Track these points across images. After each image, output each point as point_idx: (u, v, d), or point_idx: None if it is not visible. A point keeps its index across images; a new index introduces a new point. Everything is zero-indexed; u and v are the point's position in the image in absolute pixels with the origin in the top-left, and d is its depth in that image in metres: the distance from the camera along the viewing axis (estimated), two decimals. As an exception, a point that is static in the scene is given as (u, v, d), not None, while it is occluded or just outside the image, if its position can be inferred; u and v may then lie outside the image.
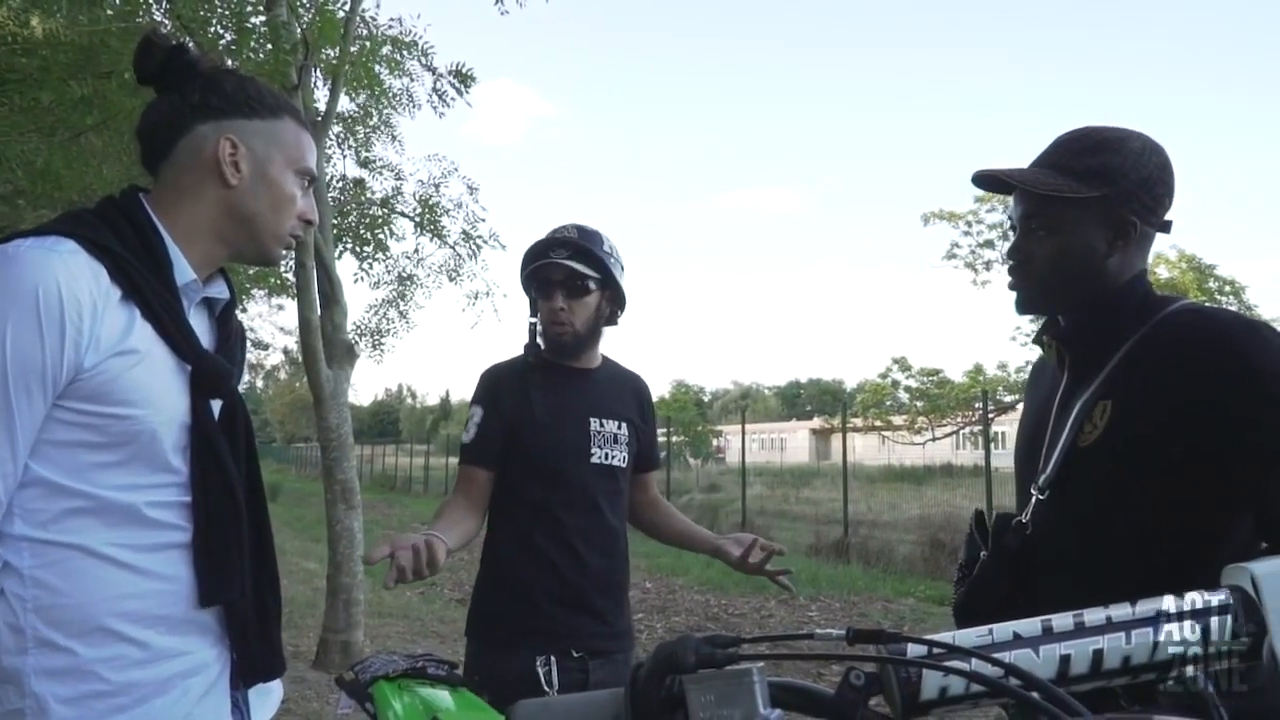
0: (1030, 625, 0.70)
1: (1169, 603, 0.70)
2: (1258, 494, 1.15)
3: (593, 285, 2.06)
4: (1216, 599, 0.69)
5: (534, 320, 2.13)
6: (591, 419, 2.10)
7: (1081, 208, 1.29)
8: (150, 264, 1.15)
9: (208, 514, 1.17)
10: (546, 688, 1.91)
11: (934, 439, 28.67)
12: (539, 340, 2.11)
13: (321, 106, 5.74)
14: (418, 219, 7.08)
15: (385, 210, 7.01)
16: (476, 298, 7.55)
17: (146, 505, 1.13)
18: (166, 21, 5.55)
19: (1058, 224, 1.31)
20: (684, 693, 0.68)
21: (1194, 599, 0.70)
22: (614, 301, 2.15)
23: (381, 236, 6.99)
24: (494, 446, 2.05)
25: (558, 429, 2.05)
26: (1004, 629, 0.70)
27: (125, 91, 5.11)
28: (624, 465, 2.13)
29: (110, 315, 1.09)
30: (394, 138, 7.33)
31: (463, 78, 6.74)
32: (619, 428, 2.13)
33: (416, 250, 7.44)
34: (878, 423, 29.10)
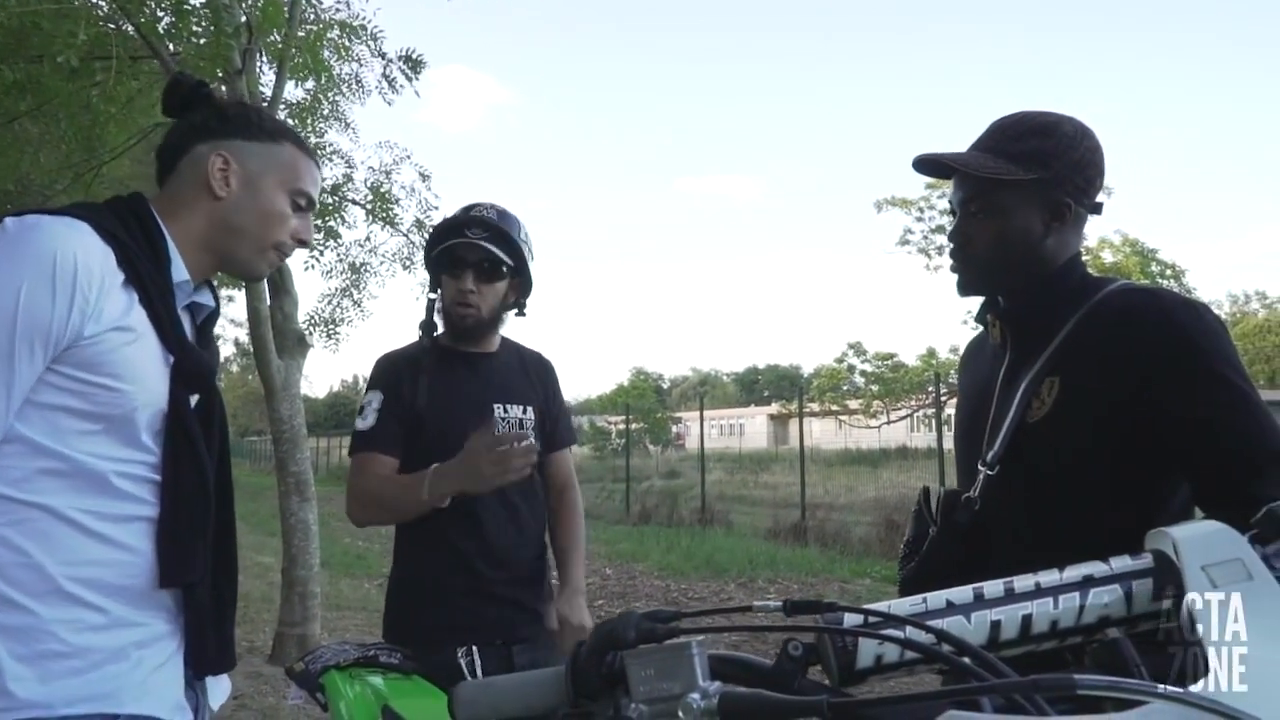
0: (962, 593, 0.72)
1: (1094, 568, 0.72)
2: (1194, 463, 1.19)
3: (505, 270, 2.00)
4: (1139, 563, 0.71)
5: (434, 297, 2.05)
6: (495, 405, 2.03)
7: (1018, 190, 1.33)
8: (151, 257, 1.22)
9: (176, 496, 1.20)
10: (471, 677, 1.85)
11: (889, 422, 29.07)
12: (436, 319, 2.04)
13: (268, 92, 5.61)
14: (369, 207, 6.97)
15: (336, 198, 6.89)
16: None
17: (116, 475, 1.16)
18: (103, 3, 5.39)
19: (996, 207, 1.35)
20: (624, 668, 0.68)
21: (1118, 564, 0.72)
22: (521, 290, 2.08)
23: (332, 224, 6.87)
24: (396, 431, 1.96)
25: (459, 417, 1.96)
26: (937, 597, 0.71)
27: (59, 76, 4.96)
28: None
29: (114, 294, 1.16)
30: (347, 125, 7.22)
31: (413, 64, 6.64)
32: (524, 412, 2.06)
33: (369, 238, 7.32)
34: (834, 407, 29.43)
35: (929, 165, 1.42)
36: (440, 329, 2.05)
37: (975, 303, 1.50)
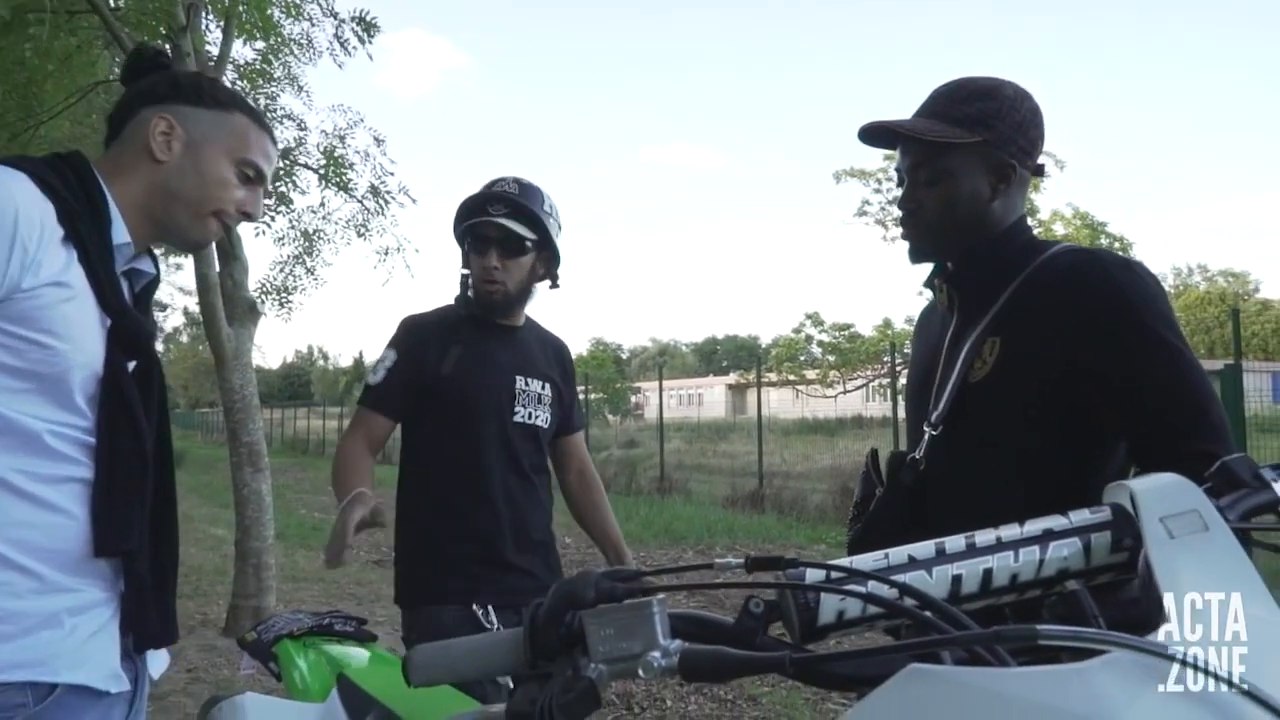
0: (924, 548, 0.71)
1: (1054, 521, 0.72)
2: (1129, 421, 1.21)
3: (529, 245, 2.02)
4: (1098, 517, 0.72)
5: (466, 272, 2.08)
6: (518, 377, 2.06)
7: (965, 154, 1.34)
8: (91, 216, 1.17)
9: (112, 461, 1.16)
10: (489, 626, 1.90)
11: (845, 392, 29.39)
12: (469, 293, 2.07)
13: (215, 51, 5.43)
14: (322, 171, 6.81)
15: (287, 162, 6.71)
16: (387, 254, 7.33)
17: (50, 435, 1.12)
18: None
19: (944, 171, 1.35)
20: (583, 628, 0.67)
21: (1077, 517, 0.72)
22: (549, 263, 2.10)
23: (284, 190, 6.71)
24: (402, 395, 1.99)
25: (483, 384, 2.01)
26: (899, 553, 0.71)
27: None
28: (546, 426, 2.11)
29: (53, 248, 1.11)
30: (300, 88, 7.02)
31: (366, 25, 6.48)
32: (543, 388, 2.11)
33: (322, 204, 7.16)
34: (791, 377, 29.67)
35: (875, 134, 1.42)
36: (473, 301, 2.08)
37: (929, 272, 1.51)
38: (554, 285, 2.14)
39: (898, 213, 1.45)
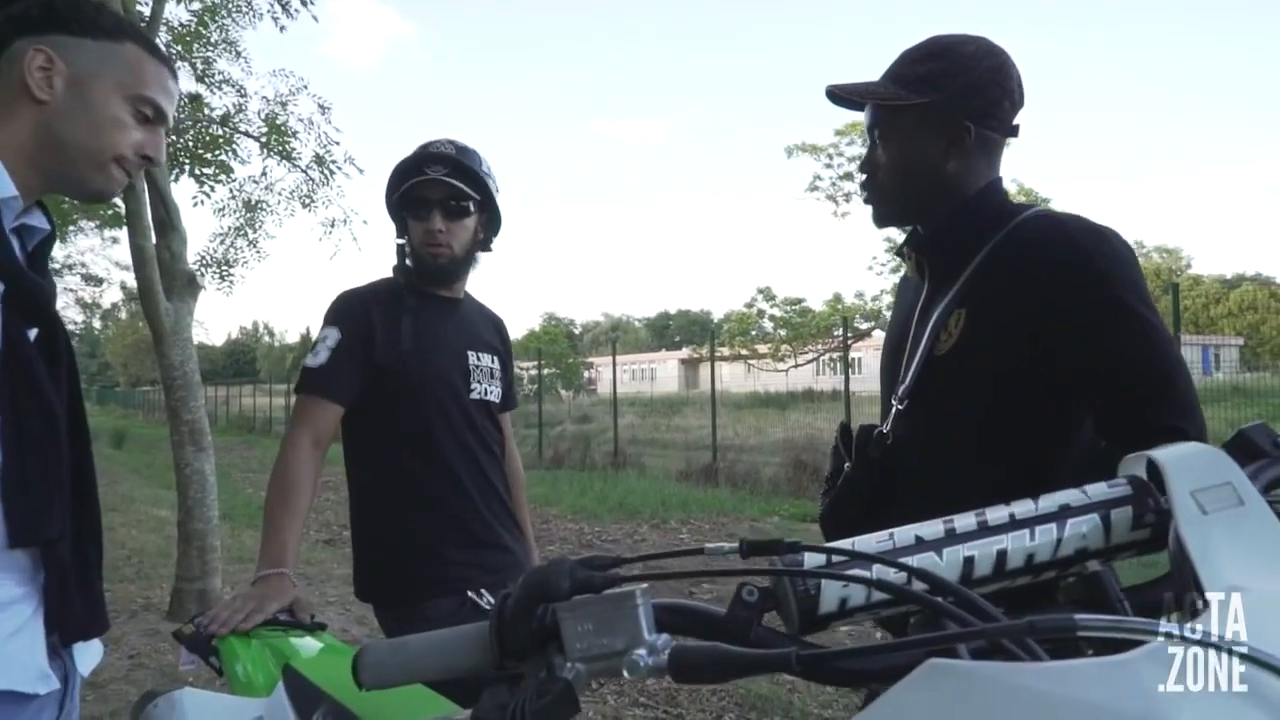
0: (933, 528, 0.65)
1: (1070, 496, 0.66)
2: (1096, 393, 1.18)
3: (472, 206, 1.90)
4: (1117, 490, 0.66)
5: (402, 242, 1.94)
6: (469, 352, 1.96)
7: (912, 115, 1.29)
8: None
9: (20, 444, 1.02)
10: (487, 606, 1.81)
11: (796, 366, 29.64)
12: (408, 263, 1.93)
13: (146, 10, 5.17)
14: (263, 140, 6.56)
15: (227, 129, 6.45)
16: (333, 226, 7.12)
17: None
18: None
19: (892, 133, 1.32)
20: (558, 623, 0.59)
21: (1094, 491, 0.66)
22: (488, 226, 1.99)
23: (223, 158, 6.44)
24: (350, 377, 1.83)
25: (439, 360, 1.90)
26: (905, 533, 0.64)
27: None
28: (498, 401, 2.04)
29: None
30: (239, 54, 6.73)
31: (308, -15, 6.23)
32: (492, 361, 2.02)
33: (264, 174, 6.91)
34: (744, 351, 29.81)
35: (839, 96, 1.37)
36: (414, 272, 1.94)
37: (881, 247, 1.46)
38: (486, 248, 2.02)
39: (857, 192, 1.42)
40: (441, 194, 1.87)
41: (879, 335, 30.94)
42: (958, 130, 1.29)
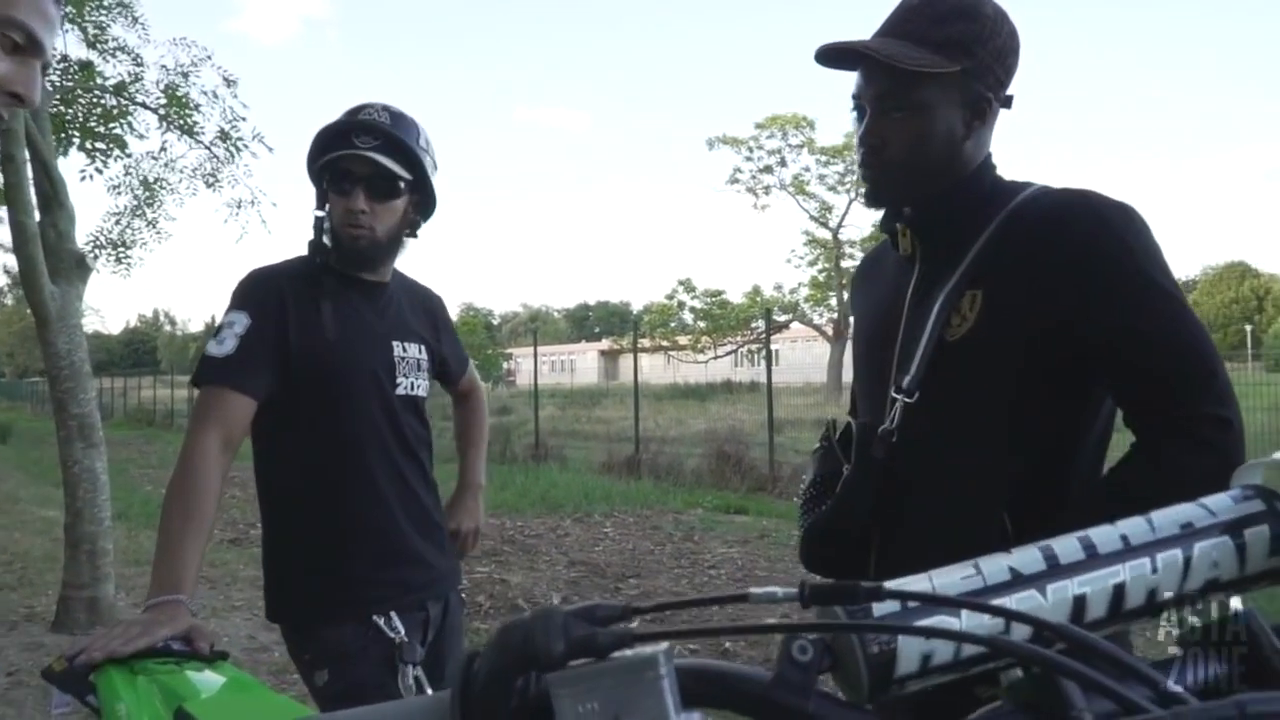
0: (1029, 557, 0.50)
1: (1190, 513, 0.52)
2: (1127, 378, 1.08)
3: (402, 186, 1.68)
4: (1248, 505, 0.52)
5: (321, 215, 1.71)
6: (394, 342, 1.75)
7: (942, 85, 1.15)
8: None
9: None
10: (392, 634, 1.64)
11: (716, 357, 29.84)
12: (325, 240, 1.70)
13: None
14: (162, 112, 6.11)
15: (122, 100, 5.98)
16: (240, 207, 6.71)
17: None
18: None
19: (918, 103, 1.16)
20: (550, 698, 0.43)
21: (1218, 505, 0.53)
22: (420, 207, 1.77)
23: (118, 131, 5.97)
24: (262, 367, 1.59)
25: (359, 353, 1.68)
26: (996, 566, 0.50)
27: None
28: (425, 396, 1.83)
29: None
30: (135, 20, 6.24)
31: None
32: (420, 352, 1.80)
33: (163, 149, 6.44)
34: (664, 343, 29.87)
35: (835, 55, 1.20)
36: (332, 252, 1.71)
37: (801, 240, 1.33)
38: (412, 233, 1.80)
39: (776, 184, 1.27)
40: (368, 170, 1.65)
41: (797, 328, 31.40)
42: (980, 103, 1.17)
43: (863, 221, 35.59)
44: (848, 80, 1.22)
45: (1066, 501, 1.11)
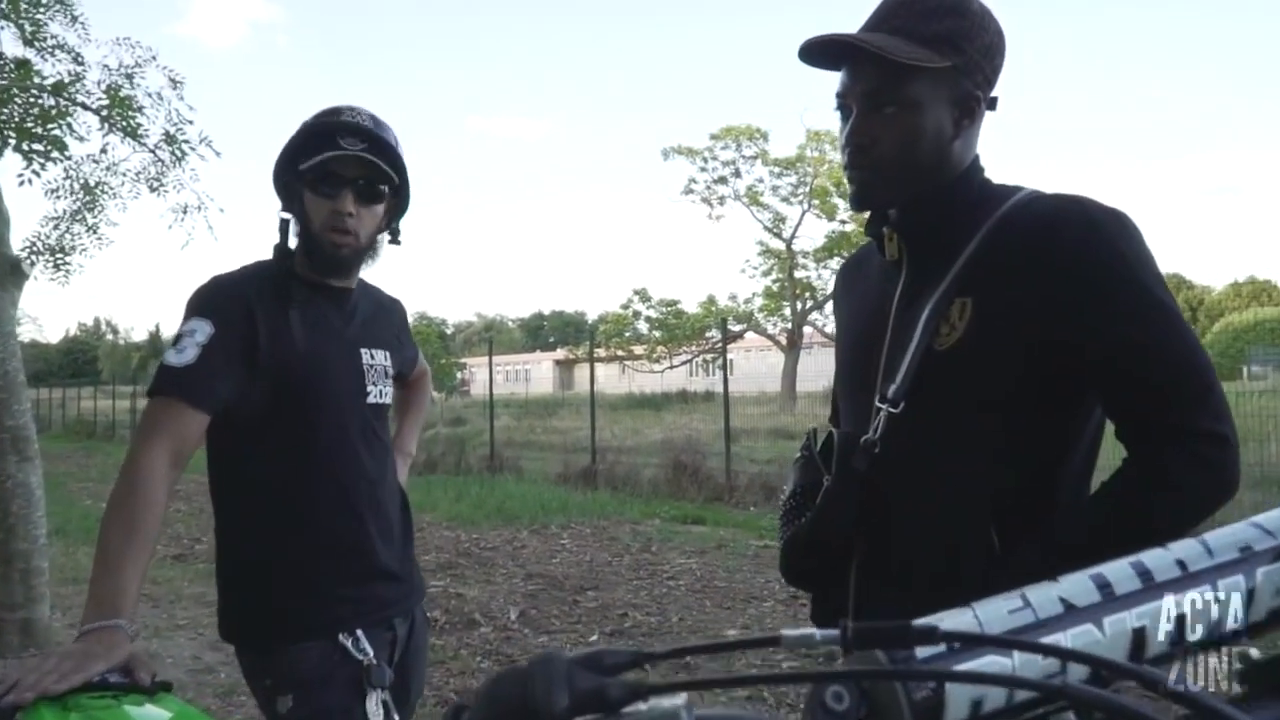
0: (1080, 587, 0.45)
1: (1246, 533, 0.48)
2: (1120, 391, 1.05)
3: (387, 190, 1.65)
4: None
5: (287, 217, 1.63)
6: (363, 349, 1.69)
7: (934, 81, 1.11)
8: None
9: None
10: (360, 656, 1.57)
11: (672, 367, 29.86)
12: (290, 244, 1.63)
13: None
14: (104, 114, 5.89)
15: (61, 100, 5.75)
16: (186, 212, 6.48)
17: None
18: None
19: (909, 100, 1.12)
20: (551, 762, 0.37)
21: (1274, 523, 0.48)
22: (395, 214, 1.73)
23: (57, 133, 5.74)
24: (223, 381, 1.50)
25: (329, 361, 1.62)
26: (1045, 597, 0.45)
27: None
28: (390, 404, 1.78)
29: None
30: (74, 18, 6.01)
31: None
32: (385, 359, 1.75)
33: (105, 152, 6.20)
34: (620, 352, 29.80)
35: (821, 48, 1.16)
36: (304, 259, 1.65)
37: (755, 249, 1.29)
38: (395, 239, 1.76)
39: (731, 195, 1.22)
40: (356, 172, 1.59)
41: (751, 337, 31.59)
42: (970, 101, 1.13)
43: (815, 233, 36.04)
44: (798, 92, 1.19)
45: (1054, 514, 1.08)
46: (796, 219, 30.58)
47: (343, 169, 1.59)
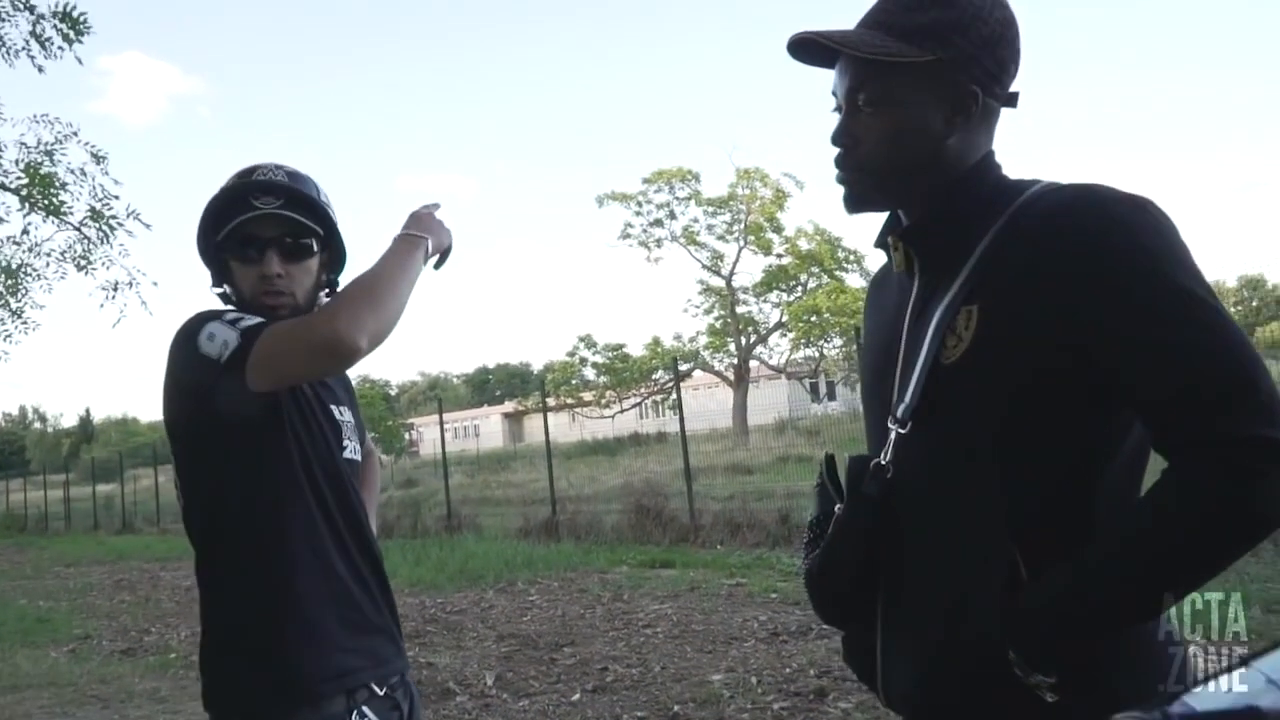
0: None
1: None
2: (1154, 399, 0.95)
3: (315, 244, 1.58)
4: None
5: (221, 291, 1.58)
6: (331, 405, 1.64)
7: (914, 75, 1.06)
8: None
9: None
10: None
11: (622, 411, 29.76)
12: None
13: None
14: (24, 193, 5.68)
15: (-24, 184, 5.54)
16: (117, 289, 6.28)
17: None
18: None
19: (887, 97, 1.08)
20: None
21: None
22: (332, 265, 1.66)
23: (-28, 217, 5.52)
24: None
25: (313, 413, 1.57)
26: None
27: None
28: (360, 460, 1.71)
29: None
30: (-15, 101, 5.82)
31: (71, 21, 5.48)
32: (350, 416, 1.70)
33: (26, 233, 5.98)
34: (569, 400, 29.61)
35: (806, 48, 1.12)
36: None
37: (695, 290, 1.23)
38: (332, 290, 1.69)
39: (668, 237, 1.17)
40: (276, 230, 1.52)
41: (699, 375, 31.71)
42: (964, 97, 1.07)
43: (753, 268, 36.42)
44: (726, 132, 1.14)
45: (1089, 533, 0.99)
46: (734, 256, 30.96)
47: (261, 230, 1.53)
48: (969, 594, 1.02)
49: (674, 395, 13.55)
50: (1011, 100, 1.13)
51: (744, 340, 30.52)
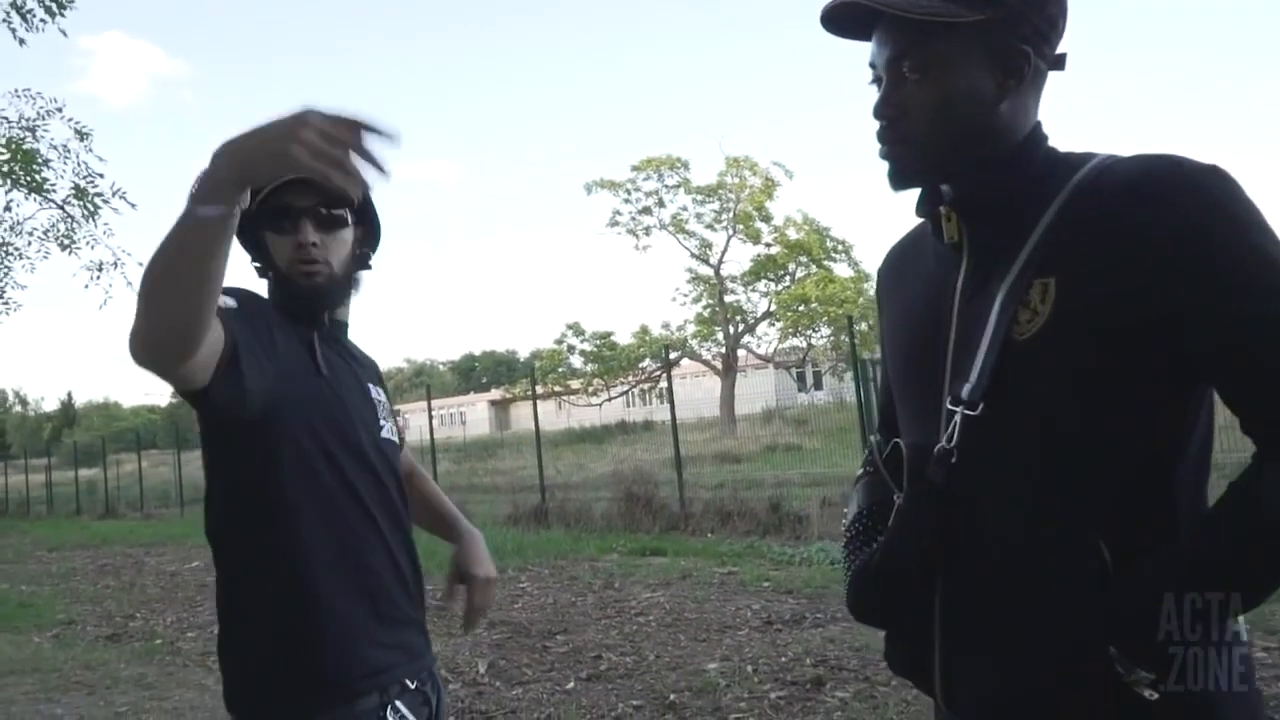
0: None
1: None
2: (1246, 376, 0.92)
3: (349, 215, 1.54)
4: None
5: (259, 265, 1.56)
6: (369, 384, 1.62)
7: (962, 38, 1.00)
8: None
9: None
10: None
11: (610, 399, 29.70)
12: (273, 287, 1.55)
13: None
14: (5, 169, 5.55)
15: (-43, 160, 5.40)
16: (101, 269, 6.16)
17: None
18: None
19: (935, 62, 1.02)
20: None
21: None
22: (368, 239, 1.63)
23: (-46, 194, 5.38)
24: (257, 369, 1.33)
25: (349, 391, 1.55)
26: None
27: None
28: (397, 441, 1.69)
29: None
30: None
31: (55, -7, 5.35)
32: (384, 396, 1.68)
33: (8, 209, 5.85)
34: (557, 388, 29.53)
35: (841, 18, 1.05)
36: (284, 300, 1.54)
37: (684, 278, 1.17)
38: (366, 264, 1.65)
39: (656, 225, 1.10)
40: (311, 200, 1.48)
41: (686, 364, 31.66)
42: (1015, 59, 1.01)
43: (742, 257, 36.35)
44: (716, 120, 1.06)
45: (1174, 522, 0.95)
46: (723, 244, 30.88)
47: (295, 199, 1.48)
48: (1054, 588, 0.96)
49: (661, 384, 13.50)
50: (1059, 62, 1.07)
51: (732, 329, 30.48)
